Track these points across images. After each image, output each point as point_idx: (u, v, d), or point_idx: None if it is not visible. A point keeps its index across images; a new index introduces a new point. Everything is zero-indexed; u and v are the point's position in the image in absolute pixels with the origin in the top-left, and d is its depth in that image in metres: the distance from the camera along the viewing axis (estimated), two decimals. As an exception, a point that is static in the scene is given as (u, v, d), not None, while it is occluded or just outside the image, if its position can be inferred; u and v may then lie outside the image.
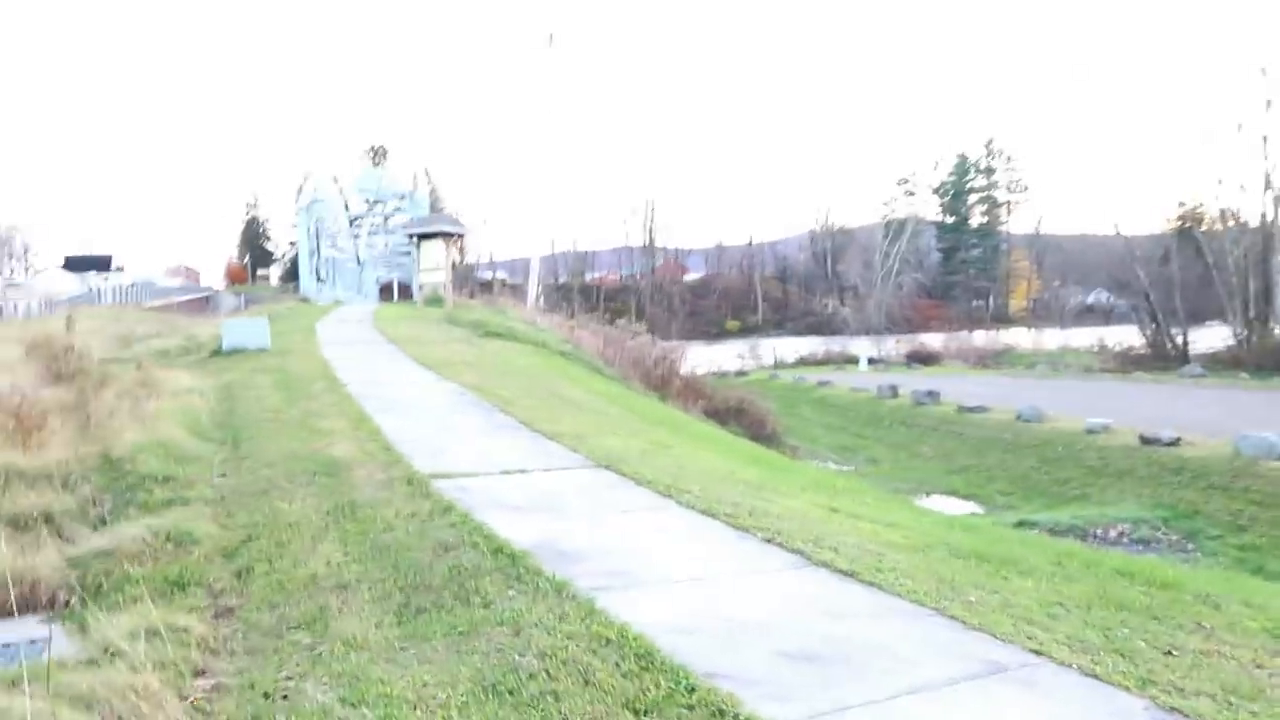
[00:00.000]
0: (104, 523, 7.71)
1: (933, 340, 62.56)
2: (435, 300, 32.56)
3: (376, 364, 17.61)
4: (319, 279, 52.31)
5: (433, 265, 31.99)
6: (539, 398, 13.43)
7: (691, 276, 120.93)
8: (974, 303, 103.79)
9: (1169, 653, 4.86)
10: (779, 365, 56.27)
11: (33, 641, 5.74)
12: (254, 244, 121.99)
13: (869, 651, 4.63)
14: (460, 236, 36.21)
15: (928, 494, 20.87)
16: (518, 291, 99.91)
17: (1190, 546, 15.22)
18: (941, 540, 7.11)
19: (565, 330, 27.10)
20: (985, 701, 4.09)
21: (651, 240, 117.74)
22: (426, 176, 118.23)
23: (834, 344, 67.26)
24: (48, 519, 7.73)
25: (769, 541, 6.53)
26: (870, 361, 50.62)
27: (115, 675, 4.14)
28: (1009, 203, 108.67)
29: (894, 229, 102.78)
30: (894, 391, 30.44)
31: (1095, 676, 4.39)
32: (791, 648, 4.66)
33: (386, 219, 69.44)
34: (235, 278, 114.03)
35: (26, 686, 3.91)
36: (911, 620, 5.11)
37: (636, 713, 3.92)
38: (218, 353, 19.03)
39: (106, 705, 3.91)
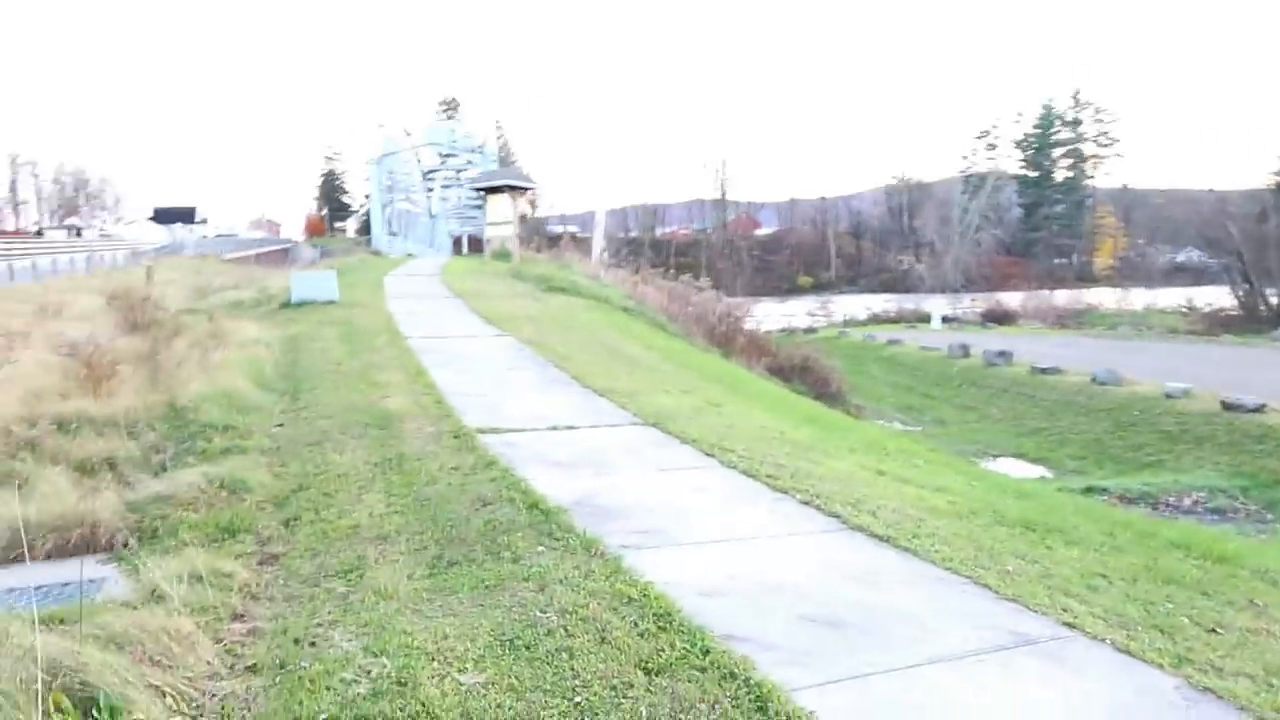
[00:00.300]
0: (164, 469, 7.99)
1: (1010, 299, 60.74)
2: (503, 254, 32.74)
3: (439, 318, 17.84)
4: (391, 232, 53.17)
5: (500, 219, 32.09)
6: (595, 354, 13.46)
7: (763, 231, 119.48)
8: (1056, 261, 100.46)
9: (1213, 630, 4.68)
10: (849, 323, 55.49)
11: (90, 581, 5.99)
12: (332, 197, 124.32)
13: (895, 619, 4.55)
14: (527, 190, 36.22)
15: (995, 457, 20.44)
16: (586, 246, 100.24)
17: (1269, 517, 14.63)
18: (989, 506, 6.94)
19: (629, 286, 27.04)
20: (1007, 674, 3.99)
21: (723, 194, 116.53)
22: (499, 129, 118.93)
23: (907, 302, 65.93)
24: (111, 464, 8.04)
25: (807, 504, 6.45)
26: (943, 320, 49.54)
27: (150, 617, 4.29)
28: (1095, 156, 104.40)
29: (973, 184, 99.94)
30: (965, 351, 29.76)
31: (1128, 653, 4.25)
32: (816, 612, 4.61)
33: (459, 173, 70.05)
34: (314, 230, 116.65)
35: (64, 627, 4.08)
36: (943, 588, 5.01)
37: (648, 672, 3.92)
38: (287, 305, 19.48)
39: (139, 646, 4.05)
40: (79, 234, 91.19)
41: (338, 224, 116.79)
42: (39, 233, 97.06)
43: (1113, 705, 3.77)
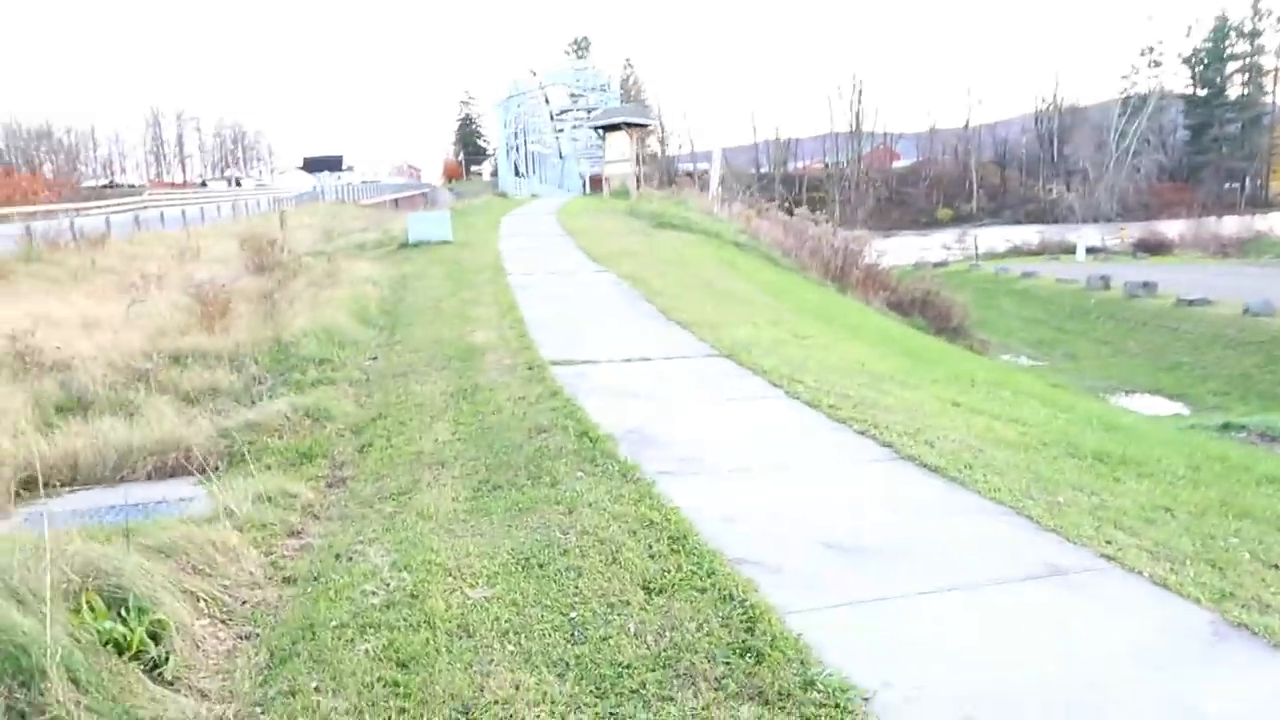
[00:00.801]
0: (260, 399, 8.49)
1: (1168, 228, 56.58)
2: (622, 193, 32.80)
3: (544, 255, 18.09)
4: (517, 173, 53.85)
5: (618, 157, 32.07)
6: (690, 287, 13.39)
7: (901, 163, 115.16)
8: (1226, 185, 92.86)
9: (1276, 566, 4.34)
10: (989, 256, 53.12)
11: (181, 500, 6.47)
12: (468, 141, 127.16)
13: (923, 548, 4.42)
14: (646, 127, 35.87)
15: (1128, 393, 19.36)
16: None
17: None
18: (1064, 438, 6.59)
19: (743, 220, 26.65)
20: (1019, 604, 3.83)
21: (858, 126, 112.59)
22: (628, 67, 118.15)
23: (1053, 233, 62.47)
24: (214, 394, 8.60)
25: (863, 434, 6.29)
26: (1089, 251, 46.71)
27: (198, 531, 4.60)
28: (1276, 70, 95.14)
29: (1133, 105, 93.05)
30: (1105, 283, 28.08)
31: (1165, 586, 4.00)
32: (841, 539, 4.52)
33: (589, 112, 70.14)
34: (451, 174, 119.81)
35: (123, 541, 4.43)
36: (982, 518, 4.82)
37: (649, 591, 3.96)
38: (404, 245, 20.15)
39: (184, 556, 4.36)
40: (238, 184, 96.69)
41: (474, 168, 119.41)
42: (203, 183, 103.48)
43: (1129, 639, 3.56)
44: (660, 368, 8.46)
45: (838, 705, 3.03)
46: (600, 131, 34.44)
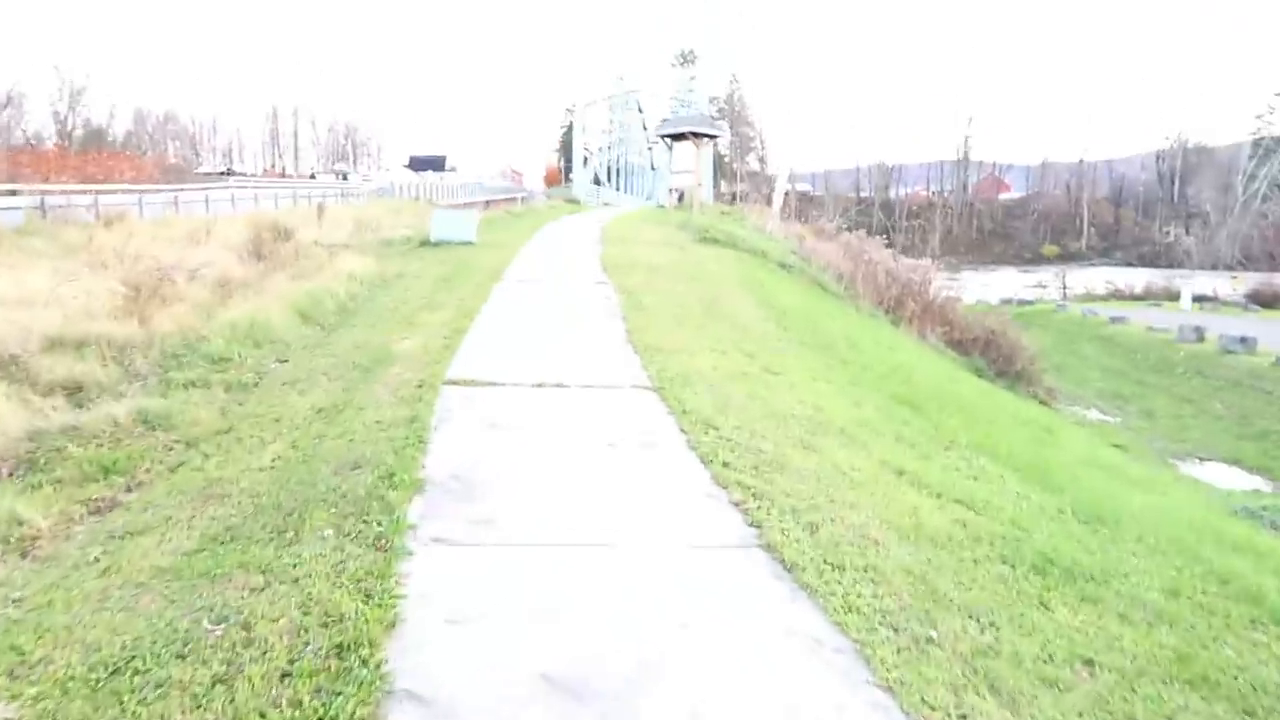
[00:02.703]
0: (123, 397, 7.54)
1: (1290, 279, 52.26)
2: (687, 204, 31.56)
3: (559, 262, 16.99)
4: (596, 181, 53.08)
5: (683, 168, 30.79)
6: (685, 307, 12.06)
7: (1009, 195, 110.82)
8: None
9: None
10: (1085, 297, 49.94)
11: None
12: (569, 148, 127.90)
13: (667, 687, 3.07)
14: (713, 137, 34.43)
15: (1201, 460, 17.19)
16: (816, 203, 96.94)
17: None
18: (1012, 533, 5.08)
19: (798, 240, 25.08)
20: None
21: (966, 155, 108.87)
22: (734, 83, 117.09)
23: (1162, 278, 58.47)
24: (78, 389, 7.68)
25: (736, 506, 4.92)
26: (1196, 299, 43.20)
27: None
28: None
29: (1265, 147, 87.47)
30: (1199, 334, 25.51)
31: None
32: (573, 676, 3.21)
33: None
34: (550, 180, 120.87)
35: None
36: (800, 652, 3.44)
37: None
38: (426, 243, 19.33)
39: None
40: (344, 178, 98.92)
41: (572, 174, 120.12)
42: (312, 175, 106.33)
43: None
44: (567, 398, 7.19)
45: None
46: (666, 140, 33.21)
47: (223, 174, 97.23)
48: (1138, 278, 58.59)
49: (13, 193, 20.06)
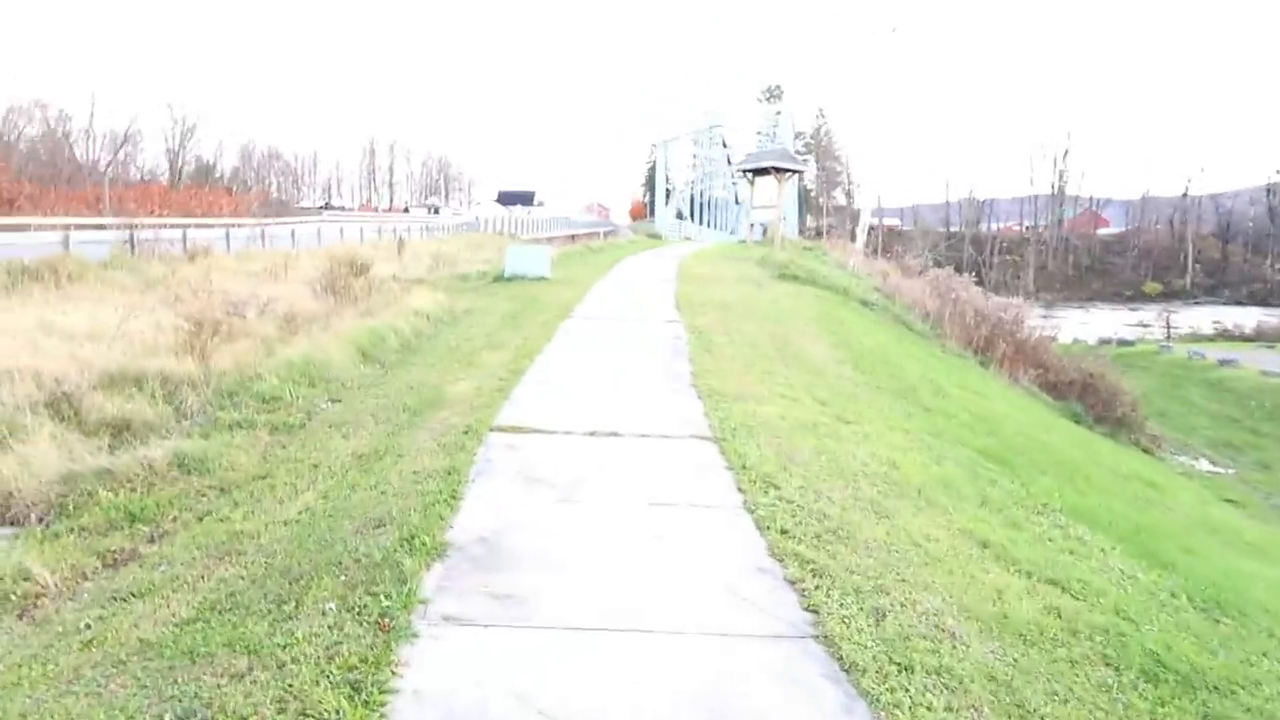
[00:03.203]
0: (171, 437, 7.35)
1: None
2: (769, 239, 30.98)
3: (631, 299, 16.60)
4: (678, 215, 52.82)
5: (764, 202, 30.22)
6: (756, 348, 11.49)
7: (1107, 231, 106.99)
8: None
9: None
10: (1190, 337, 47.42)
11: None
12: (654, 183, 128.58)
13: None
14: (796, 172, 33.73)
15: (1326, 520, 15.70)
16: (903, 238, 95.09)
17: None
18: (1116, 626, 4.38)
19: (881, 277, 24.23)
20: None
21: (1061, 189, 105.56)
22: (821, 117, 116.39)
23: (1275, 317, 55.23)
24: (126, 427, 7.52)
25: (793, 584, 4.34)
26: (1314, 341, 40.59)
27: None
28: None
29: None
30: (1320, 380, 23.73)
31: None
32: None
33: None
34: (636, 214, 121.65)
35: None
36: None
37: None
38: (499, 278, 19.18)
39: None
40: (436, 212, 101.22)
41: (655, 209, 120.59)
42: (405, 209, 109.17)
43: None
44: (619, 449, 6.70)
45: None
46: (748, 175, 32.74)
47: (321, 208, 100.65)
48: (1248, 317, 55.46)
49: (100, 226, 20.68)
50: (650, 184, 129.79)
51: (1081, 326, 56.72)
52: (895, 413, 9.56)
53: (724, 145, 70.85)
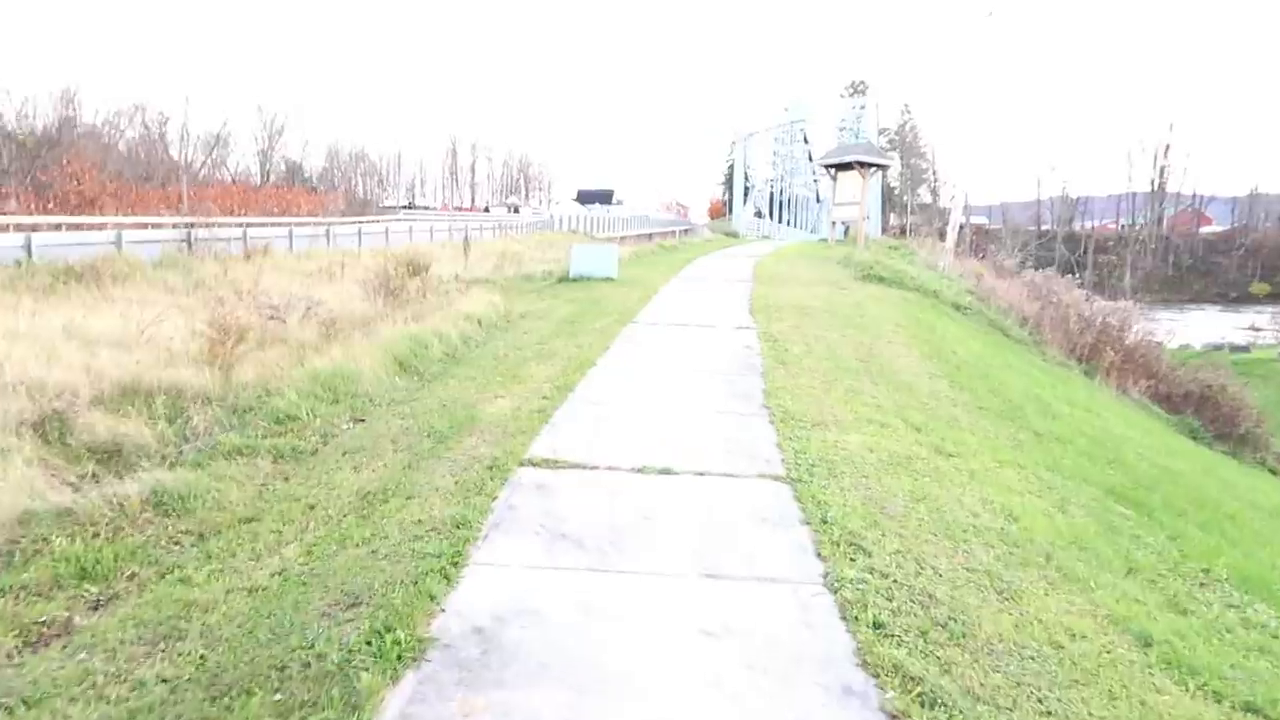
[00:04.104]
0: (165, 462, 6.45)
1: None
2: (851, 238, 29.39)
3: (701, 302, 15.39)
4: (758, 214, 51.29)
5: (847, 199, 28.63)
6: (838, 360, 10.19)
7: (1211, 228, 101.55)
8: None
9: None
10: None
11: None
12: (732, 181, 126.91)
13: None
14: (880, 168, 31.87)
15: None
16: (992, 237, 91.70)
17: None
18: None
19: (974, 279, 22.51)
20: None
21: (1160, 185, 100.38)
22: (906, 113, 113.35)
23: (1403, 320, 51.09)
24: (116, 452, 6.64)
25: (894, 718, 3.12)
26: None
27: None
28: None
29: None
30: None
31: None
32: None
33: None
34: (714, 212, 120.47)
35: None
36: None
37: None
38: (564, 279, 18.17)
39: None
40: (515, 211, 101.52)
41: (733, 207, 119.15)
42: (486, 209, 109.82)
43: None
44: (670, 491, 5.54)
45: None
46: (830, 170, 31.07)
47: (405, 207, 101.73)
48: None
49: (149, 225, 20.32)
50: (729, 182, 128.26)
51: (1185, 329, 53.44)
52: (1002, 440, 8.18)
53: (805, 141, 68.93)
